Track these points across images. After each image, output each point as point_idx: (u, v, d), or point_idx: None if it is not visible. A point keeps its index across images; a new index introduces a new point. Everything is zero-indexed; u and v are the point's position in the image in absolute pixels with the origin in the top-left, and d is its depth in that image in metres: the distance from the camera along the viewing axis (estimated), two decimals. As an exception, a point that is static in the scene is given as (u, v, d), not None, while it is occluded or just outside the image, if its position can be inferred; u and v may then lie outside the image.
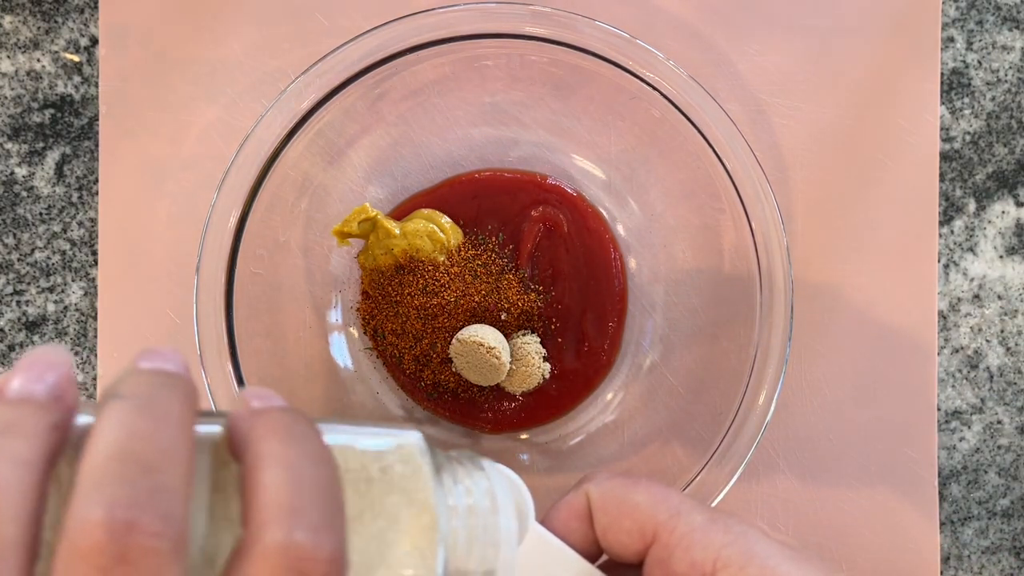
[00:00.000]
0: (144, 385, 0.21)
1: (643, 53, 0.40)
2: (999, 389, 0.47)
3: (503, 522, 0.25)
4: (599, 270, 0.44)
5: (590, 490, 0.28)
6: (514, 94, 0.44)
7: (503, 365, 0.43)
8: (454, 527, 0.24)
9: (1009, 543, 0.47)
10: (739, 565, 0.25)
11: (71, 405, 0.20)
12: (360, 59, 0.40)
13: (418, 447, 0.24)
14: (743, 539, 0.26)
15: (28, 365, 0.20)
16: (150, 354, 0.22)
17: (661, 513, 0.26)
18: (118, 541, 0.18)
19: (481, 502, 0.25)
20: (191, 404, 0.21)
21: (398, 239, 0.43)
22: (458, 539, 0.24)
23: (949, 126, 0.46)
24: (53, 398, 0.20)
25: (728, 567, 0.25)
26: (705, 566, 0.25)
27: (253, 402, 0.22)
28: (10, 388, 0.20)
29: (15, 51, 0.45)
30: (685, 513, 0.26)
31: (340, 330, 0.45)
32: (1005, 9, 0.46)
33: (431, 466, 0.24)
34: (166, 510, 0.18)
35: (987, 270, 0.46)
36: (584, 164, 0.45)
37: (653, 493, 0.27)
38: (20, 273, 0.45)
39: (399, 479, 0.23)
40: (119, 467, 0.19)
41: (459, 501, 0.24)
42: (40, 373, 0.20)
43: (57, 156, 0.45)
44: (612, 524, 0.27)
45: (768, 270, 0.40)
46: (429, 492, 0.23)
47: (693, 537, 0.26)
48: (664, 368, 0.45)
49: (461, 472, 0.25)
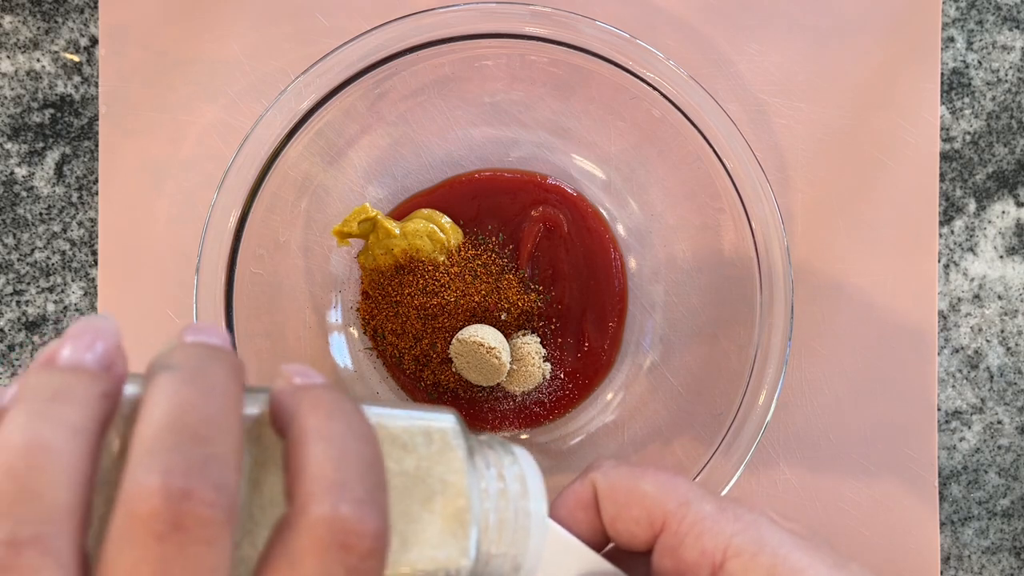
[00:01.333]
0: (192, 357, 0.21)
1: (643, 53, 0.40)
2: (999, 389, 0.47)
3: (533, 507, 0.25)
4: (599, 270, 0.44)
5: (597, 479, 0.27)
6: (514, 94, 0.44)
7: (503, 365, 0.43)
8: (486, 509, 0.24)
9: (1009, 543, 0.47)
10: (750, 553, 0.25)
11: (121, 374, 0.20)
12: (360, 59, 0.40)
13: (452, 429, 0.24)
14: (754, 527, 0.25)
15: (78, 333, 0.20)
16: (195, 328, 0.22)
17: (670, 502, 0.26)
18: (174, 508, 0.18)
19: (512, 486, 0.25)
20: (238, 377, 0.21)
21: (398, 239, 0.43)
22: (489, 522, 0.24)
23: (949, 126, 0.46)
24: (103, 367, 0.20)
25: (739, 555, 0.25)
26: (716, 554, 0.25)
27: (296, 378, 0.22)
28: (61, 356, 0.20)
29: (15, 51, 0.45)
30: (695, 501, 0.26)
31: (340, 330, 0.45)
32: (1005, 9, 0.46)
33: (465, 449, 0.24)
34: (219, 480, 0.18)
35: (987, 270, 0.46)
36: (584, 164, 0.45)
37: (661, 481, 0.27)
38: (20, 273, 0.45)
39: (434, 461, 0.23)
40: (172, 436, 0.19)
41: (491, 485, 0.25)
42: (90, 342, 0.20)
43: (57, 156, 0.45)
44: (620, 513, 0.27)
45: (768, 270, 0.40)
46: (463, 474, 0.23)
47: (703, 525, 0.25)
48: (664, 368, 0.45)
49: (493, 456, 0.25)
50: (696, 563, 0.25)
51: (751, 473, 0.45)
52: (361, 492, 0.19)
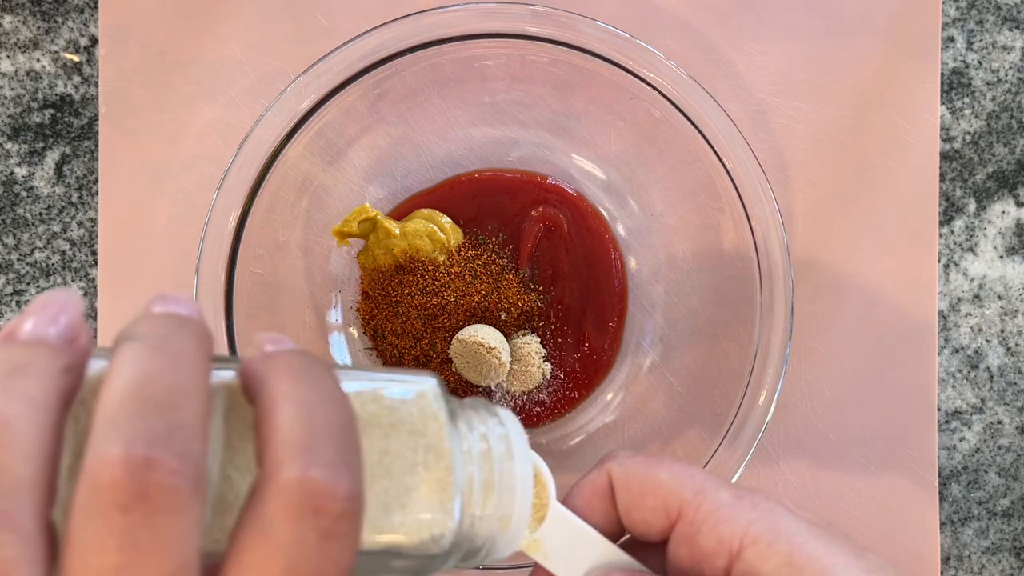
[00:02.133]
0: (158, 327, 0.20)
1: (643, 53, 0.40)
2: (999, 389, 0.47)
3: (518, 468, 0.25)
4: (599, 270, 0.44)
5: (612, 469, 0.27)
6: (514, 94, 0.44)
7: (503, 365, 0.43)
8: (470, 472, 0.24)
9: (1009, 543, 0.47)
10: (767, 542, 0.25)
11: (84, 347, 0.20)
12: (360, 59, 0.40)
13: (433, 392, 0.24)
14: (771, 516, 0.25)
15: (40, 308, 0.20)
16: (163, 299, 0.21)
17: (686, 491, 0.26)
18: (137, 478, 0.17)
19: (497, 447, 0.25)
20: (205, 346, 0.21)
21: (398, 239, 0.43)
22: (474, 484, 0.24)
23: (949, 126, 0.46)
24: (66, 340, 0.20)
25: (756, 544, 0.25)
26: (732, 543, 0.25)
27: (267, 345, 0.22)
28: (22, 330, 0.20)
29: (15, 51, 0.45)
30: (711, 490, 0.26)
31: (340, 330, 0.45)
32: (1005, 9, 0.46)
33: (447, 412, 0.24)
34: (183, 448, 0.18)
35: (987, 270, 0.46)
36: (584, 164, 0.45)
37: (677, 471, 0.26)
38: (20, 273, 0.45)
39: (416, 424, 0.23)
40: (135, 405, 0.18)
41: (474, 447, 0.24)
42: (53, 316, 0.20)
43: (57, 156, 0.45)
44: (636, 503, 0.27)
45: (768, 270, 0.40)
46: (444, 438, 0.23)
47: (720, 514, 0.25)
48: (664, 368, 0.45)
49: (476, 419, 0.25)
50: (713, 551, 0.25)
51: (751, 473, 0.45)
52: (331, 454, 0.19)
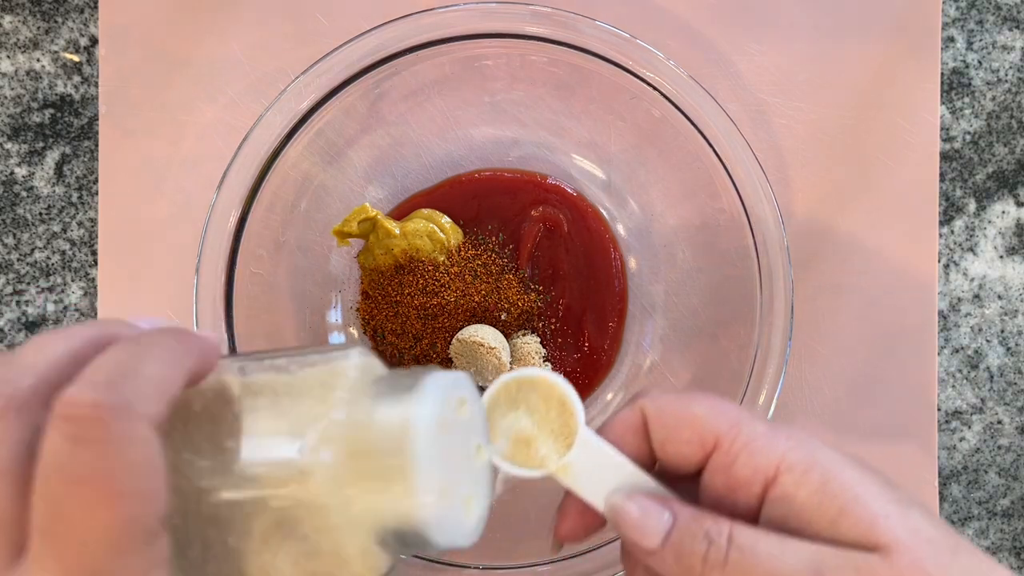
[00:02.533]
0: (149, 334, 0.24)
1: (643, 53, 0.40)
2: (999, 389, 0.47)
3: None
4: (599, 270, 0.44)
5: (645, 405, 0.28)
6: (514, 94, 0.44)
7: (503, 365, 0.43)
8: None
9: (1009, 543, 0.47)
10: (802, 470, 0.25)
11: None
12: (360, 59, 0.40)
13: (355, 365, 0.25)
14: (806, 445, 0.26)
15: None
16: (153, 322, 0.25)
17: (722, 423, 0.26)
18: (90, 411, 0.20)
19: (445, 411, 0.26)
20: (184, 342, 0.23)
21: (398, 239, 0.43)
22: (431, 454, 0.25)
23: (949, 126, 0.46)
24: None
25: (791, 471, 0.25)
26: (768, 470, 0.25)
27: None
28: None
29: (15, 51, 0.45)
30: (746, 422, 0.26)
31: (340, 330, 0.45)
32: (1005, 9, 0.46)
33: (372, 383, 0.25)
34: (134, 394, 0.21)
35: (987, 270, 0.46)
36: (584, 164, 0.45)
37: (712, 404, 0.27)
38: (20, 273, 0.45)
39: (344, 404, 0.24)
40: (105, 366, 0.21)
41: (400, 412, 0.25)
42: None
43: (57, 156, 0.45)
44: (671, 436, 0.27)
45: (768, 270, 0.40)
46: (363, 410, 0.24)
47: (756, 444, 0.26)
48: (664, 368, 0.45)
49: (408, 381, 0.25)
50: (748, 480, 0.26)
51: (751, 473, 0.45)
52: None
